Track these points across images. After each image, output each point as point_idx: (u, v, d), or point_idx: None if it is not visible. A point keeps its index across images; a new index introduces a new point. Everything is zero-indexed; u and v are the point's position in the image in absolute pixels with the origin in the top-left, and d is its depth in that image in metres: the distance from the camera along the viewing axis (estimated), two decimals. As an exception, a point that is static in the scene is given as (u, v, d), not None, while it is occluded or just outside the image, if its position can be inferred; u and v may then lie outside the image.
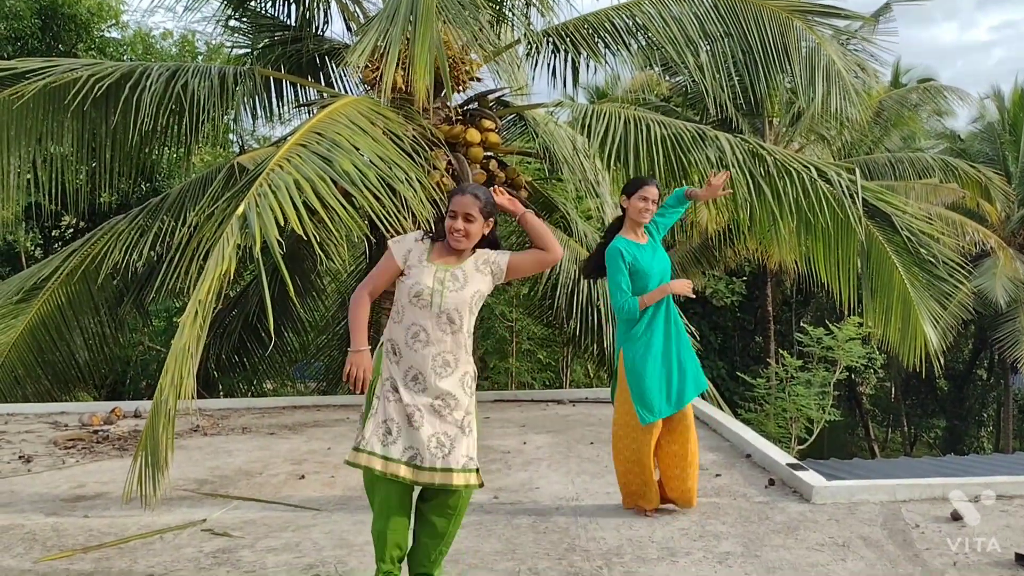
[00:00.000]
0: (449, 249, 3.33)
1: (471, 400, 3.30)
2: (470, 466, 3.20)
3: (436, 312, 3.22)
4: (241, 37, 10.29)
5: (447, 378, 3.23)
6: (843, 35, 9.25)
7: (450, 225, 3.28)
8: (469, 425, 3.26)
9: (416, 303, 3.24)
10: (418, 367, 3.22)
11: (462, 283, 3.27)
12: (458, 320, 3.25)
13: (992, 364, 25.22)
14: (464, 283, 3.27)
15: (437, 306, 3.22)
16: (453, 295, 3.23)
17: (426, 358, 3.21)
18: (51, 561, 3.89)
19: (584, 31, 8.88)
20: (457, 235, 3.27)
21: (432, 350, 3.22)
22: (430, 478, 3.16)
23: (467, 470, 3.19)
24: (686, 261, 17.79)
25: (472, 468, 3.21)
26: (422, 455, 3.16)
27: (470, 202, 3.28)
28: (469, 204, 3.28)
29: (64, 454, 6.44)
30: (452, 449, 3.18)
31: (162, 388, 4.19)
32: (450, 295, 3.23)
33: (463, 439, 3.22)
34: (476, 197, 3.31)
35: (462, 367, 3.28)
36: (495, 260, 3.37)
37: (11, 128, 8.11)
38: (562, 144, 9.24)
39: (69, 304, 9.23)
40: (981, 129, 23.11)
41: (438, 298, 3.22)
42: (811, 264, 8.18)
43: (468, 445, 3.23)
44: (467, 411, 3.26)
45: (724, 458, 5.80)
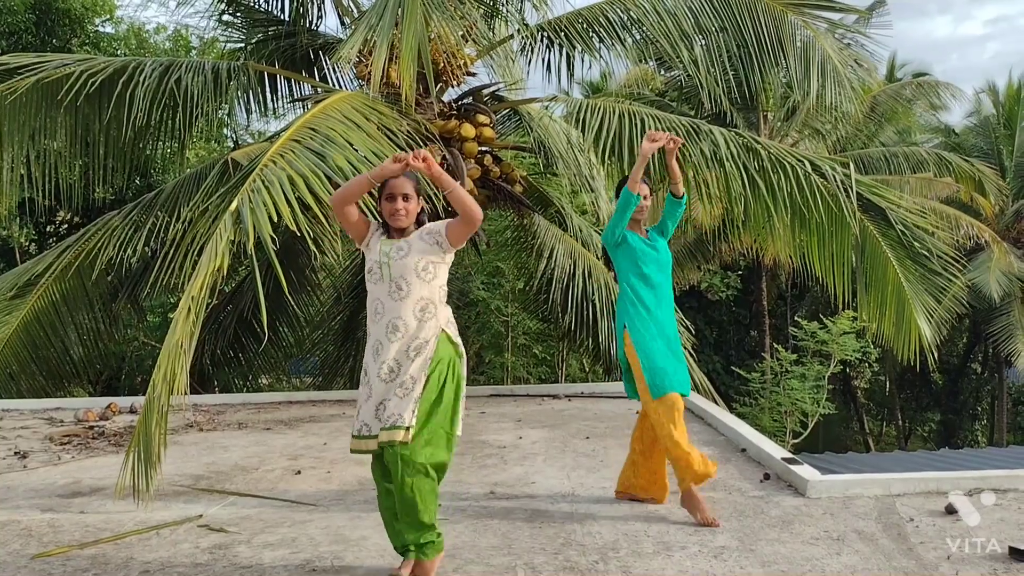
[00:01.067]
0: (394, 233, 3.59)
1: (418, 364, 3.43)
2: (397, 423, 3.33)
3: (387, 282, 3.48)
4: (234, 32, 10.25)
5: (396, 343, 3.44)
6: (838, 29, 9.26)
7: (389, 208, 3.54)
8: (404, 386, 3.39)
9: (371, 279, 3.52)
10: (377, 336, 3.49)
11: (406, 251, 3.50)
12: (405, 287, 3.47)
13: (986, 358, 25.32)
14: (408, 251, 3.50)
15: (387, 276, 3.48)
16: (398, 264, 3.48)
17: (382, 327, 3.47)
18: (47, 557, 3.89)
19: (578, 25, 8.86)
20: (398, 214, 3.53)
21: (385, 318, 3.47)
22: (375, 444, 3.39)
23: (393, 427, 3.33)
24: (681, 256, 17.82)
25: (399, 426, 3.32)
26: (369, 426, 3.42)
27: (405, 183, 3.55)
28: (405, 184, 3.54)
29: (60, 450, 6.43)
30: (384, 411, 3.39)
31: (155, 384, 4.19)
32: (396, 264, 3.48)
33: (397, 401, 3.37)
34: (409, 178, 3.57)
35: (411, 333, 3.45)
36: (435, 229, 3.58)
37: (4, 124, 8.07)
38: (557, 139, 9.24)
39: (63, 300, 9.21)
40: (976, 123, 23.15)
41: (386, 269, 3.48)
42: (806, 258, 8.20)
43: (397, 405, 3.36)
44: (408, 375, 3.40)
45: (719, 452, 5.82)
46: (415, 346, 3.44)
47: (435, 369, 3.44)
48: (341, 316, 12.01)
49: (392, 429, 3.33)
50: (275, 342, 11.57)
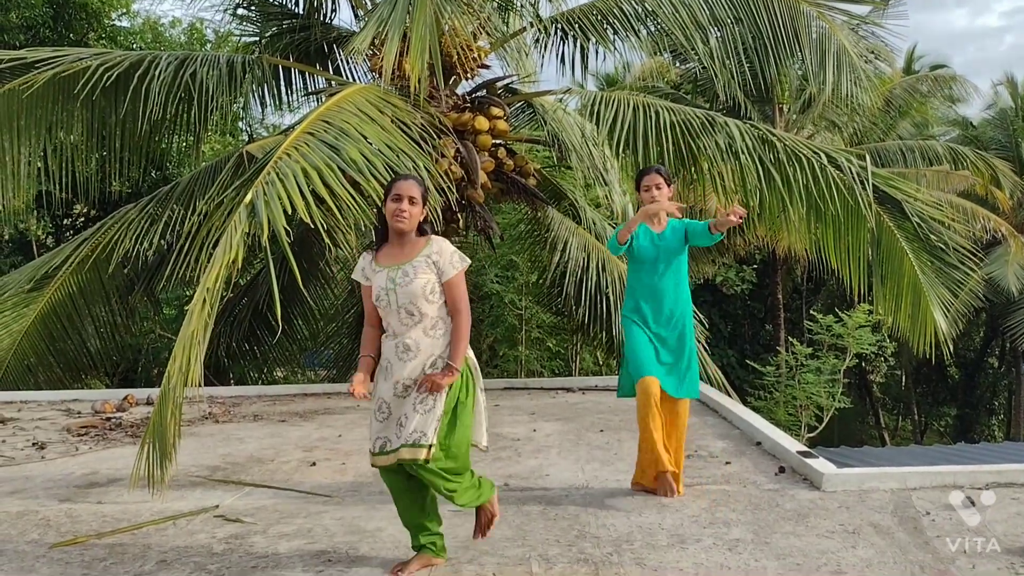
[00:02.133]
0: (393, 245, 3.50)
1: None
2: (421, 441, 3.32)
3: (396, 309, 3.41)
4: (249, 25, 10.27)
5: (409, 363, 3.40)
6: (853, 20, 9.18)
7: (394, 208, 3.43)
8: (425, 403, 3.36)
9: (379, 305, 3.46)
10: (388, 357, 3.46)
11: (411, 277, 3.41)
12: (416, 312, 3.41)
13: (1003, 352, 25.12)
14: (413, 276, 3.41)
15: (395, 304, 3.41)
16: (404, 290, 3.39)
17: (392, 348, 3.44)
18: (65, 547, 3.92)
19: (593, 17, 8.83)
20: (401, 215, 3.41)
21: (396, 339, 3.44)
22: (396, 458, 3.35)
23: (416, 445, 3.32)
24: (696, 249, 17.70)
25: (422, 444, 3.32)
26: (390, 440, 3.38)
27: (413, 185, 3.46)
28: (413, 187, 3.45)
29: (77, 441, 6.49)
30: (405, 427, 3.35)
31: (170, 375, 4.21)
32: (401, 290, 3.39)
33: (415, 418, 3.34)
34: (418, 182, 3.49)
35: (425, 351, 3.42)
36: (442, 263, 3.45)
37: (22, 117, 8.13)
38: (571, 132, 9.21)
39: (80, 292, 9.29)
40: (994, 116, 22.94)
41: (392, 296, 3.41)
42: (822, 251, 8.16)
43: (420, 422, 3.34)
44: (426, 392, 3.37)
45: (734, 446, 5.80)
46: (431, 363, 3.42)
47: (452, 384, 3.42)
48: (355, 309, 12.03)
49: (415, 447, 3.31)
50: (290, 335, 11.62)
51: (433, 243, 3.49)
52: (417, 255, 3.46)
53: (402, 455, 3.32)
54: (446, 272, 3.44)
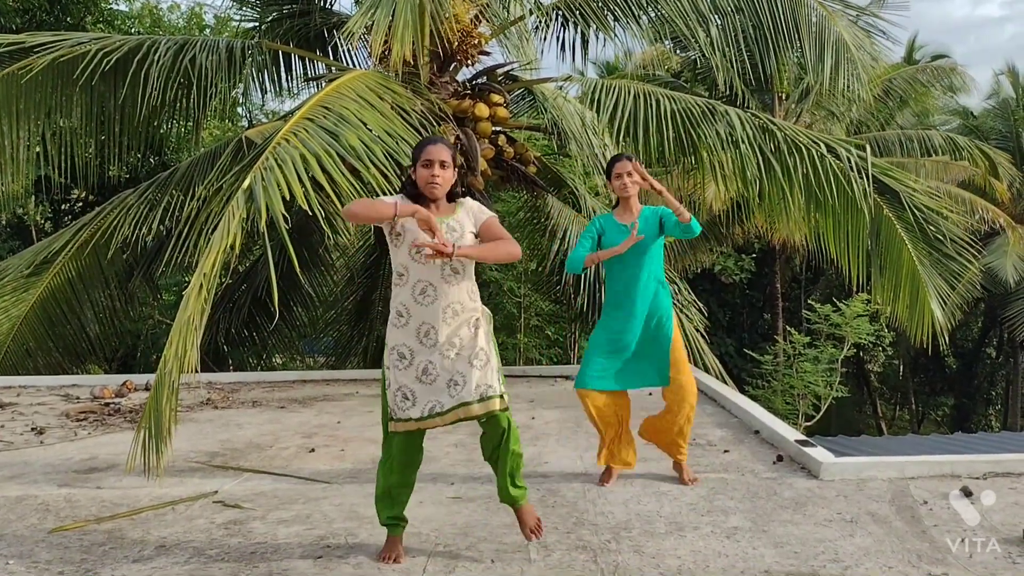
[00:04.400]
0: (428, 207, 3.33)
1: (481, 335, 3.37)
2: (489, 393, 3.29)
3: (440, 264, 3.26)
4: (249, 10, 10.23)
5: (454, 324, 3.32)
6: (853, 10, 9.15)
7: (427, 174, 3.32)
8: (479, 358, 3.32)
9: (419, 258, 3.25)
10: (430, 321, 3.31)
11: (460, 232, 3.34)
12: (461, 269, 3.33)
13: (1001, 342, 25.16)
14: (461, 232, 3.34)
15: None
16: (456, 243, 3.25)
17: (436, 311, 3.29)
18: (64, 531, 3.93)
19: (594, 3, 8.80)
20: (435, 181, 3.31)
21: (441, 303, 3.30)
22: (454, 416, 3.29)
23: (485, 398, 3.28)
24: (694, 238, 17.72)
25: (492, 395, 3.29)
26: (441, 402, 3.29)
27: (443, 149, 3.36)
28: (443, 151, 3.35)
29: (76, 426, 6.49)
30: (464, 384, 3.28)
31: (166, 360, 4.21)
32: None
33: (474, 372, 3.29)
34: (447, 145, 3.40)
35: (467, 312, 3.36)
36: (479, 215, 3.42)
37: (20, 101, 8.11)
38: (571, 119, 9.19)
39: (79, 278, 9.28)
40: (995, 106, 22.89)
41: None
42: (821, 241, 8.16)
43: (482, 376, 3.30)
44: (479, 347, 3.33)
45: (732, 434, 5.82)
46: (472, 321, 3.37)
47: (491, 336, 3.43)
48: (354, 296, 12.04)
49: (487, 400, 3.28)
50: (289, 321, 11.64)
51: (463, 202, 3.45)
52: (455, 211, 3.40)
53: (473, 411, 3.25)
54: (479, 219, 3.40)
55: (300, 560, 3.51)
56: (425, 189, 3.34)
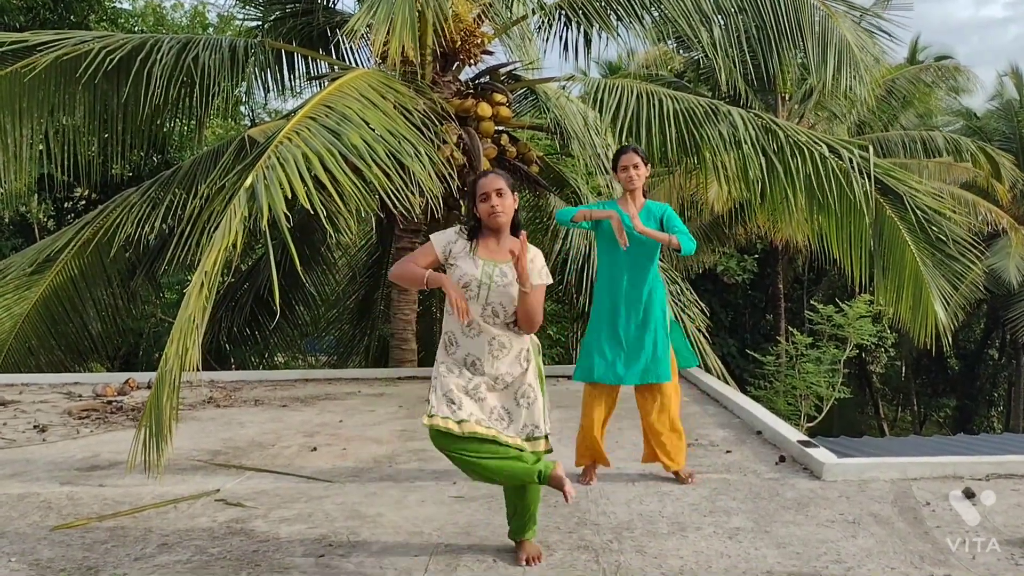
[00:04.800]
0: (492, 241, 3.38)
1: (530, 372, 3.39)
2: (535, 434, 3.33)
3: (482, 304, 3.31)
4: (252, 9, 10.24)
5: (503, 359, 3.34)
6: (856, 11, 9.13)
7: (487, 208, 3.33)
8: (527, 396, 3.34)
9: (467, 294, 3.30)
10: (476, 353, 3.33)
11: (510, 279, 3.31)
12: (502, 313, 3.34)
13: (1004, 344, 25.14)
14: (511, 280, 3.31)
15: (484, 299, 3.30)
16: (499, 290, 3.31)
17: (482, 344, 3.32)
18: (66, 529, 3.93)
19: (597, 3, 8.79)
20: (495, 211, 3.31)
21: (486, 336, 3.32)
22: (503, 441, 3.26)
23: (532, 438, 3.32)
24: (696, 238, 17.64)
25: (538, 436, 3.33)
26: (482, 420, 3.26)
27: (496, 178, 3.36)
28: (496, 180, 3.35)
29: (78, 424, 6.50)
30: (511, 422, 3.31)
31: (167, 358, 4.21)
32: (497, 290, 3.31)
33: (521, 412, 3.32)
34: (499, 174, 3.39)
35: (517, 345, 3.38)
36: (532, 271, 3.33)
37: (23, 99, 8.12)
38: (573, 119, 9.19)
39: (82, 276, 9.30)
40: (998, 107, 22.85)
41: (485, 291, 3.30)
42: (824, 241, 8.15)
43: (528, 415, 3.32)
44: (527, 383, 3.35)
45: (734, 435, 5.81)
46: (523, 356, 3.38)
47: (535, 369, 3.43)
48: (356, 295, 12.05)
49: (534, 440, 3.31)
50: (291, 320, 11.65)
51: (530, 251, 3.38)
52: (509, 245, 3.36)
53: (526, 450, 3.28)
54: (532, 280, 3.33)
55: (302, 559, 3.51)
56: (489, 221, 3.35)
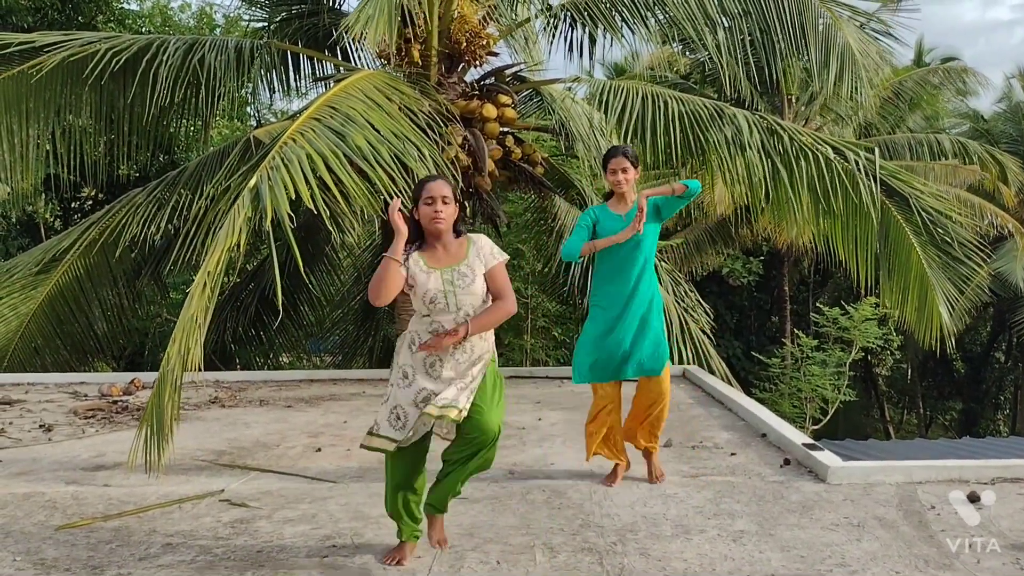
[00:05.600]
0: (437, 250, 3.42)
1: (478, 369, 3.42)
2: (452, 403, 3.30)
3: (454, 311, 3.35)
4: (258, 10, 10.26)
5: (464, 361, 3.38)
6: (861, 16, 9.11)
7: (429, 211, 3.36)
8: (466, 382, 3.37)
9: (433, 308, 3.36)
10: (438, 354, 3.37)
11: (471, 279, 3.37)
12: (474, 311, 3.38)
13: (1010, 347, 25.04)
14: (473, 278, 3.37)
15: (454, 305, 3.34)
16: (465, 293, 3.35)
17: (447, 348, 3.35)
18: (71, 529, 3.94)
19: (602, 5, 8.79)
20: (438, 216, 3.35)
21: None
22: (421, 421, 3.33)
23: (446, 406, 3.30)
24: (702, 240, 17.70)
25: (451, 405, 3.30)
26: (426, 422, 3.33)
27: (443, 185, 3.40)
28: (443, 187, 3.39)
29: (84, 424, 6.51)
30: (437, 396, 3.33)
31: (169, 358, 4.22)
32: (462, 294, 3.35)
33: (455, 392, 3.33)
34: (446, 181, 3.45)
35: (478, 350, 3.42)
36: (490, 259, 3.43)
37: (30, 100, 8.14)
38: (578, 121, 9.18)
39: (88, 276, 9.32)
40: (1005, 109, 22.78)
41: (452, 299, 3.34)
42: (829, 243, 8.13)
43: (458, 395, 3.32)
44: (472, 375, 3.39)
45: (739, 437, 5.80)
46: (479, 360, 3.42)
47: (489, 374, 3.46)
48: (361, 295, 12.06)
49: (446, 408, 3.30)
50: (296, 321, 11.67)
51: (474, 240, 3.46)
52: (467, 254, 3.42)
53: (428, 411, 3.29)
54: (488, 263, 3.42)
55: (306, 559, 3.51)
56: (429, 226, 3.39)
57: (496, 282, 3.43)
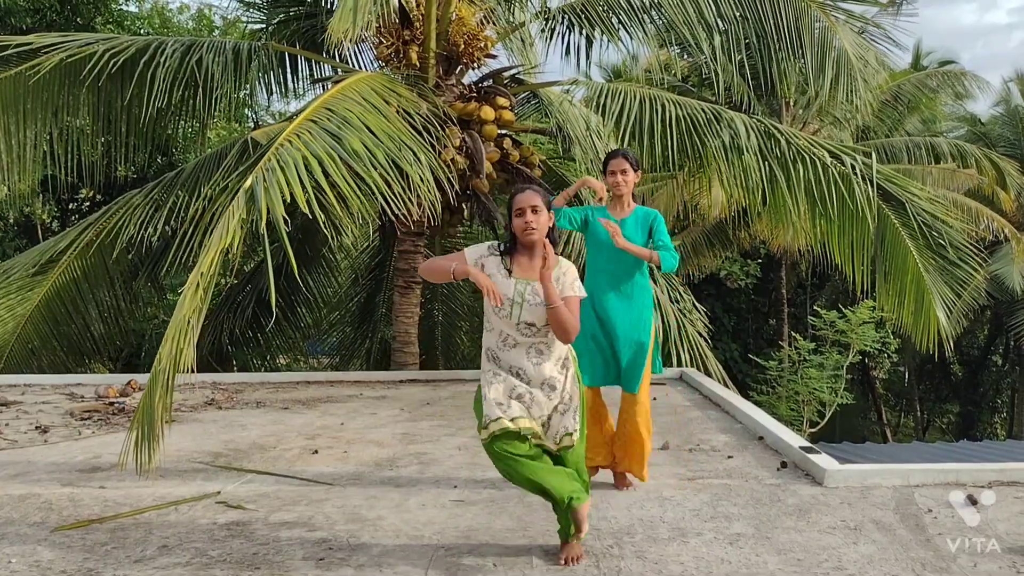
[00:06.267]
0: (525, 259, 3.46)
1: (570, 379, 3.49)
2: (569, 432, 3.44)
3: (514, 321, 3.40)
4: (256, 12, 10.27)
5: (545, 363, 3.43)
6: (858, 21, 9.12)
7: (520, 223, 3.39)
8: (565, 403, 3.46)
9: (498, 313, 3.41)
10: (516, 363, 3.44)
11: (541, 298, 3.36)
12: (536, 328, 3.42)
13: (1007, 350, 25.09)
14: (543, 299, 3.35)
15: (516, 317, 3.39)
16: (531, 308, 3.37)
17: (520, 354, 3.43)
18: (67, 530, 3.93)
19: (599, 8, 8.80)
20: (529, 227, 3.37)
21: (522, 347, 3.43)
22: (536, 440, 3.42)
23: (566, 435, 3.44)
24: (699, 243, 17.72)
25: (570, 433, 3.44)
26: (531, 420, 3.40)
27: (532, 195, 3.42)
28: (532, 197, 3.41)
29: (80, 425, 6.50)
30: (549, 428, 3.46)
31: (160, 358, 4.20)
32: (528, 308, 3.37)
33: (560, 417, 3.45)
34: (535, 191, 3.45)
35: (555, 351, 3.47)
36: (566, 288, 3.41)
37: (28, 101, 8.14)
38: (575, 124, 9.20)
39: (85, 277, 9.31)
40: (1003, 113, 22.81)
41: (517, 310, 3.38)
42: (826, 246, 8.14)
43: (565, 420, 3.45)
44: (568, 393, 3.47)
45: (736, 440, 5.80)
46: (562, 361, 3.48)
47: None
48: (358, 298, 12.06)
49: (565, 436, 3.43)
50: (293, 322, 11.66)
51: (563, 267, 3.46)
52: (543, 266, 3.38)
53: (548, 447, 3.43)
54: (564, 292, 3.38)
55: (302, 562, 3.50)
56: (522, 237, 3.42)
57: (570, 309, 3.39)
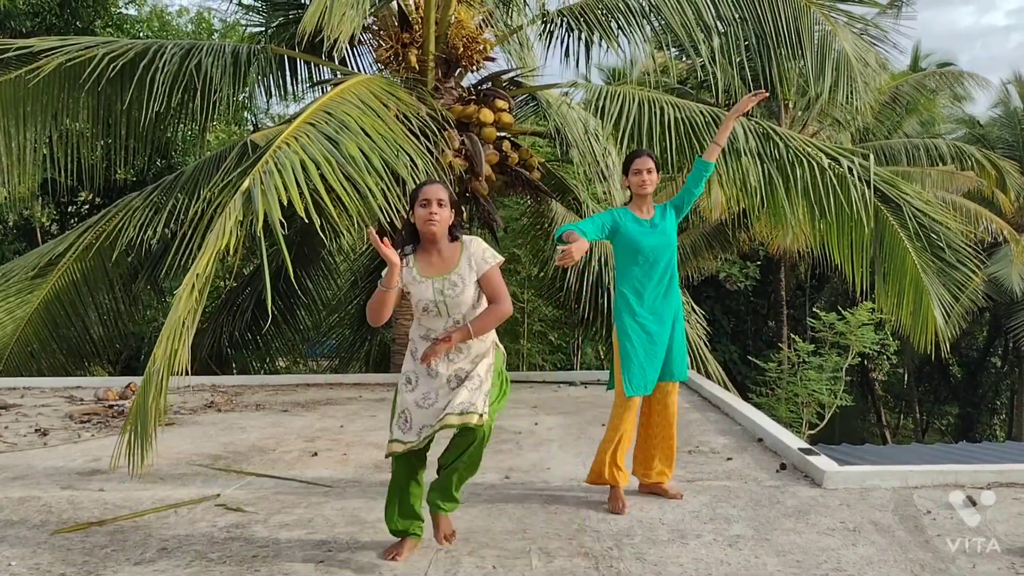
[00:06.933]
0: (432, 255, 3.46)
1: (483, 366, 3.47)
2: (469, 409, 3.33)
3: (445, 319, 3.46)
4: (255, 15, 10.28)
5: (460, 361, 3.47)
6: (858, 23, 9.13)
7: (424, 213, 3.40)
8: (472, 381, 3.41)
9: (426, 316, 3.48)
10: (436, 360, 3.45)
11: (461, 287, 3.43)
12: (463, 319, 3.45)
13: (1006, 352, 25.09)
14: (463, 286, 3.43)
15: (447, 313, 3.45)
16: (455, 300, 3.42)
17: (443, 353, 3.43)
18: (67, 533, 3.93)
19: (598, 12, 8.81)
20: (433, 218, 3.38)
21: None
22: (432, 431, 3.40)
23: (465, 412, 3.33)
24: (699, 245, 17.73)
25: (472, 411, 3.32)
26: (431, 424, 3.41)
27: (439, 188, 3.43)
28: (439, 190, 3.42)
29: (80, 428, 6.50)
30: (450, 401, 3.37)
31: (155, 359, 4.20)
32: (452, 302, 3.42)
33: (462, 392, 3.37)
34: (443, 185, 3.48)
35: (475, 349, 3.49)
36: (482, 264, 3.45)
37: (27, 104, 8.15)
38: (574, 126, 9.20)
39: (84, 280, 9.31)
40: (1001, 115, 22.83)
41: (444, 308, 3.44)
42: (825, 248, 8.15)
43: (468, 395, 3.36)
44: (475, 373, 3.44)
45: (735, 442, 5.80)
46: (480, 357, 3.49)
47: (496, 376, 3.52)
48: (357, 300, 12.06)
49: (466, 414, 3.33)
50: (292, 325, 11.66)
51: (467, 244, 3.48)
52: (458, 262, 3.45)
53: (449, 421, 3.31)
54: (480, 268, 3.45)
55: (301, 564, 3.51)
56: (423, 228, 3.42)
57: (490, 285, 3.47)
